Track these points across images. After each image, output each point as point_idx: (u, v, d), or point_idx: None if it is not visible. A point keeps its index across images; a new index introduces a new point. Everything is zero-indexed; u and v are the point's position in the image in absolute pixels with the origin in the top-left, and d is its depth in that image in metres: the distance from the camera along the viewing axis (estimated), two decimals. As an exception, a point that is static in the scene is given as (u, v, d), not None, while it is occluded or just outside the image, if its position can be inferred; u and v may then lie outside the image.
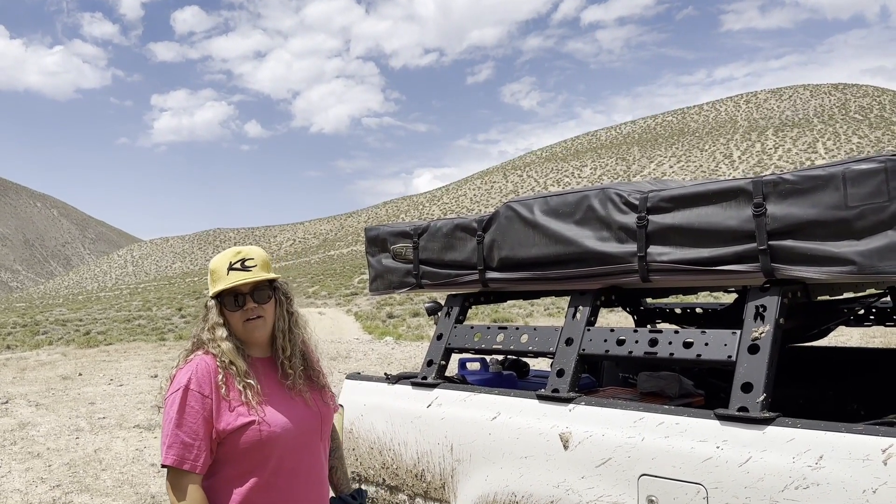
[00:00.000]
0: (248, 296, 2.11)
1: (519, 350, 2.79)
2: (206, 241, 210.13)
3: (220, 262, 2.14)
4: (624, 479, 2.17)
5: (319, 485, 2.18)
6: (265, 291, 2.14)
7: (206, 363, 2.07)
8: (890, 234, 1.96)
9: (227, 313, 2.12)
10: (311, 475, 2.13)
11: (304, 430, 2.12)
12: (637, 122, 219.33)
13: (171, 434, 2.00)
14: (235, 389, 2.04)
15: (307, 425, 2.13)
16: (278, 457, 2.04)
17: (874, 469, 1.78)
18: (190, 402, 2.01)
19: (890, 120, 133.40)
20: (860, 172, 2.00)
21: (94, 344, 20.87)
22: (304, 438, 2.11)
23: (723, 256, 2.24)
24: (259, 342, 2.17)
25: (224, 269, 2.12)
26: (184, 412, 2.01)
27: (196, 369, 2.06)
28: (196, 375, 2.04)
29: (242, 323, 2.11)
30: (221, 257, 2.16)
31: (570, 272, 2.65)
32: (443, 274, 3.12)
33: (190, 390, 2.02)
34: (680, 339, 2.30)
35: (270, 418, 2.04)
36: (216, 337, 2.09)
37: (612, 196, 2.53)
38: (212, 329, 2.11)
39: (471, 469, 2.60)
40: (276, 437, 2.03)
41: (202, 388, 2.02)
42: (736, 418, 2.04)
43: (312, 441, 2.15)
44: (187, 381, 2.04)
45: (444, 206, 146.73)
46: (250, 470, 2.03)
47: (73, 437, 8.43)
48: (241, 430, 2.01)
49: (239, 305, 2.10)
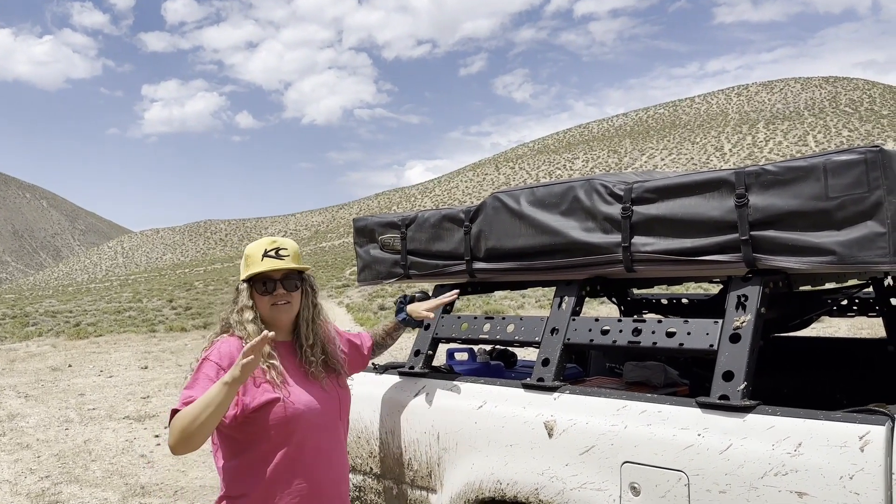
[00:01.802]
0: (278, 282, 2.28)
1: (505, 340, 2.81)
2: (196, 232, 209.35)
3: (256, 249, 2.32)
4: (607, 466, 2.20)
5: (340, 465, 2.35)
6: (294, 280, 2.32)
7: (229, 343, 2.22)
8: (870, 225, 1.98)
9: (257, 297, 2.28)
10: (332, 454, 2.30)
11: (324, 411, 2.27)
12: (629, 114, 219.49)
13: (182, 395, 2.09)
14: (259, 369, 2.18)
15: (326, 407, 2.28)
16: (302, 434, 2.19)
17: (851, 456, 1.81)
18: (204, 370, 2.14)
19: (880, 113, 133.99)
20: (841, 164, 2.02)
21: (83, 335, 20.80)
22: (324, 419, 2.27)
23: (706, 247, 2.26)
24: (282, 326, 2.32)
25: (259, 256, 2.29)
26: (198, 378, 2.13)
27: (220, 346, 2.21)
28: (219, 351, 2.19)
29: (270, 307, 2.27)
30: (258, 244, 2.33)
31: (556, 262, 2.67)
32: (430, 264, 3.13)
33: (208, 360, 2.17)
34: (663, 329, 2.33)
35: (295, 396, 2.19)
36: (243, 319, 2.25)
37: (598, 187, 2.55)
38: (241, 311, 2.27)
39: (457, 457, 2.62)
40: (301, 415, 2.18)
41: (221, 360, 2.16)
42: (717, 406, 2.07)
43: (332, 422, 2.30)
44: (207, 354, 2.20)
45: (436, 198, 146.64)
46: (277, 447, 2.17)
47: (62, 429, 8.43)
48: (268, 406, 2.14)
49: (269, 290, 2.27)
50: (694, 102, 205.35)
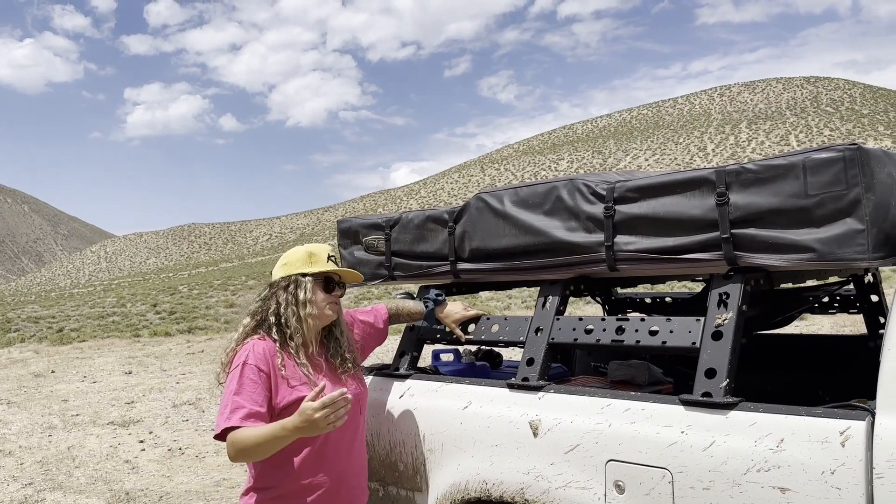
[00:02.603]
0: (337, 285, 2.49)
1: (490, 340, 2.82)
2: (180, 236, 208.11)
3: (322, 249, 2.50)
4: (592, 464, 2.21)
5: (361, 457, 2.54)
6: (344, 286, 2.53)
7: (260, 346, 2.34)
8: (848, 222, 2.00)
9: (317, 293, 2.42)
10: (353, 446, 2.47)
11: (354, 407, 2.37)
12: (613, 115, 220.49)
13: (232, 402, 2.21)
14: (292, 367, 2.33)
15: (357, 403, 2.43)
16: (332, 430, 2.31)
17: (833, 451, 1.83)
18: (247, 374, 2.26)
19: (860, 112, 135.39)
20: (819, 162, 2.04)
21: (67, 341, 20.61)
22: (352, 413, 2.35)
23: (687, 245, 2.28)
24: (325, 324, 2.49)
25: (325, 257, 2.48)
26: (243, 384, 2.24)
27: (253, 349, 2.32)
28: (254, 353, 2.30)
29: (328, 304, 2.44)
30: (322, 246, 2.52)
31: (540, 262, 2.68)
32: (414, 265, 3.13)
33: (248, 364, 2.27)
34: (646, 327, 2.34)
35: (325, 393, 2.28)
36: (306, 313, 2.37)
37: (580, 186, 2.56)
38: (301, 305, 2.38)
39: (442, 458, 2.62)
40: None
41: (259, 363, 2.28)
42: (700, 403, 2.08)
43: (354, 417, 2.42)
44: (245, 358, 2.29)
45: (421, 199, 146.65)
46: (305, 443, 2.29)
47: (45, 435, 8.34)
48: (297, 404, 2.19)
49: (331, 290, 2.46)
50: (677, 103, 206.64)
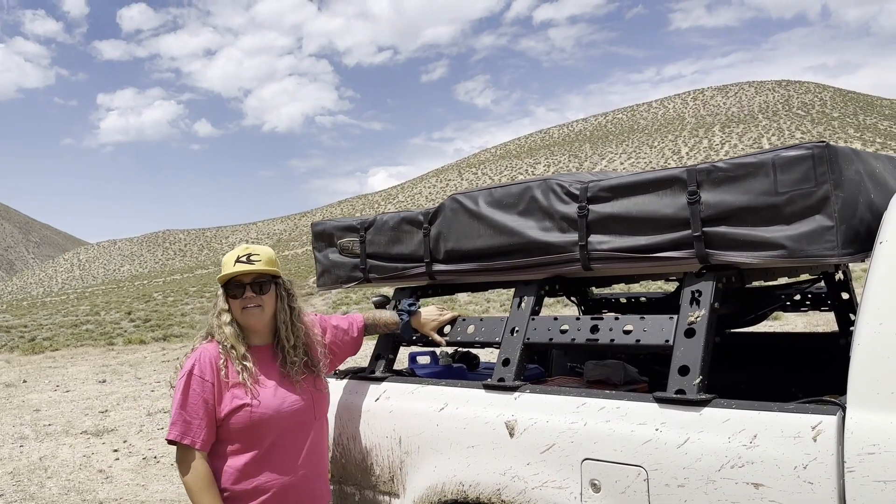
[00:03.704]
0: (248, 286, 2.39)
1: (466, 341, 2.81)
2: (155, 242, 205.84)
3: (230, 256, 2.44)
4: (567, 464, 2.21)
5: (316, 462, 2.48)
6: (265, 284, 2.41)
7: (208, 351, 2.36)
8: (818, 219, 2.02)
9: (230, 300, 2.40)
10: (310, 451, 2.43)
11: (296, 413, 2.38)
12: (589, 119, 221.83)
13: (176, 413, 2.28)
14: (234, 373, 2.32)
15: (299, 408, 2.40)
16: (273, 436, 2.32)
17: (805, 446, 1.85)
18: (192, 386, 2.30)
19: (831, 115, 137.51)
20: (789, 159, 2.06)
21: (39, 350, 20.28)
22: (296, 419, 2.38)
23: (660, 244, 2.29)
24: (255, 329, 2.43)
25: (232, 262, 2.41)
26: (187, 394, 2.29)
27: (199, 357, 2.34)
28: (199, 362, 2.33)
29: (241, 310, 2.39)
30: (232, 252, 2.46)
31: (515, 262, 2.67)
32: (390, 267, 3.12)
33: (193, 375, 2.31)
34: (620, 326, 2.35)
35: (263, 401, 2.31)
36: (221, 322, 2.38)
37: (554, 186, 2.56)
38: (218, 315, 2.41)
39: (419, 461, 2.61)
40: (267, 419, 2.31)
41: (204, 373, 2.31)
42: (674, 401, 2.09)
43: (304, 423, 2.42)
44: (191, 367, 2.32)
45: (399, 204, 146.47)
46: (246, 447, 2.30)
47: (16, 446, 8.20)
48: (234, 412, 2.27)
49: (238, 294, 2.38)
50: (651, 107, 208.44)
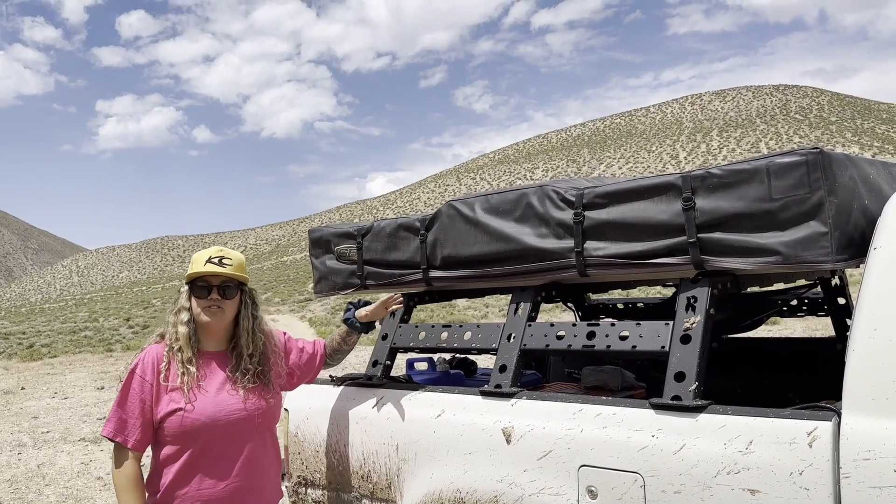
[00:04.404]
0: (215, 288, 2.35)
1: (463, 347, 2.81)
2: (153, 249, 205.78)
3: (202, 255, 2.39)
4: (564, 470, 2.21)
5: (260, 474, 2.39)
6: (232, 289, 2.38)
7: (155, 351, 2.34)
8: (812, 225, 2.03)
9: (194, 299, 2.35)
10: (245, 464, 2.34)
11: (232, 423, 2.31)
12: (587, 124, 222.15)
13: (113, 410, 2.28)
14: (175, 375, 2.29)
15: (238, 419, 2.32)
16: (203, 443, 2.27)
17: (800, 451, 1.85)
18: (133, 385, 2.28)
19: (828, 120, 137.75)
20: (783, 166, 2.07)
21: (37, 357, 20.25)
22: (231, 429, 2.31)
23: (656, 250, 2.29)
24: (213, 332, 2.39)
25: (202, 261, 2.36)
26: (127, 393, 2.28)
27: (145, 356, 2.33)
28: (143, 362, 2.31)
29: (203, 309, 2.33)
30: (204, 251, 2.40)
31: (511, 269, 2.68)
32: (387, 274, 3.12)
33: (135, 374, 2.29)
34: (616, 332, 2.35)
35: (198, 408, 2.26)
36: (178, 320, 2.34)
37: (550, 193, 2.57)
38: (178, 312, 2.36)
39: (416, 467, 2.61)
40: (199, 426, 2.25)
41: (145, 373, 2.29)
42: (670, 407, 2.09)
43: (242, 433, 2.34)
44: (134, 366, 2.31)
45: (398, 209, 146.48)
46: (179, 452, 2.27)
47: (14, 453, 8.17)
48: (167, 416, 2.25)
49: (204, 294, 2.34)
50: (649, 112, 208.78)
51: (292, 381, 2.66)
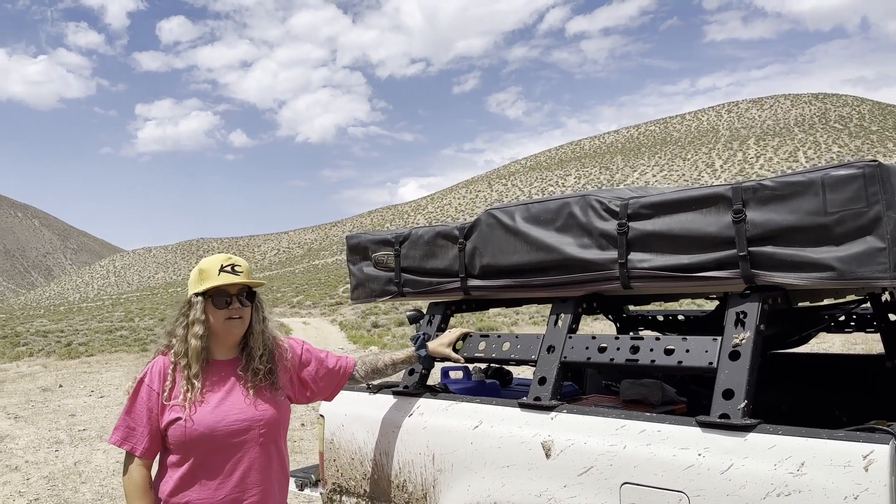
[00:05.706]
0: (235, 297, 2.33)
1: (501, 358, 2.77)
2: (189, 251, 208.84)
3: (212, 264, 2.35)
4: (606, 487, 2.16)
5: (261, 488, 2.31)
6: (249, 296, 2.37)
7: (162, 362, 2.33)
8: (869, 240, 1.96)
9: (211, 311, 2.31)
10: (245, 477, 2.29)
11: (233, 433, 2.27)
12: (620, 131, 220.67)
13: (121, 419, 2.30)
14: (179, 393, 2.27)
15: (238, 429, 2.28)
16: (204, 454, 2.25)
17: (856, 475, 1.78)
18: (141, 394, 2.30)
19: (869, 129, 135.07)
20: (839, 178, 2.00)
21: (75, 355, 20.63)
22: (232, 440, 2.27)
23: (703, 263, 2.23)
24: (234, 341, 2.37)
25: (215, 271, 2.32)
26: (134, 401, 2.30)
27: (153, 367, 2.34)
28: (151, 372, 2.32)
29: (224, 320, 2.31)
30: (213, 259, 2.37)
31: (552, 279, 2.63)
32: (424, 282, 3.10)
33: (143, 383, 2.31)
34: (661, 346, 2.29)
35: (198, 418, 2.24)
36: (192, 333, 2.30)
37: (593, 203, 2.52)
38: (191, 325, 2.30)
39: (452, 479, 2.57)
40: (198, 436, 2.23)
41: (153, 383, 2.30)
42: (717, 425, 2.03)
43: (245, 444, 2.29)
44: (143, 376, 2.32)
45: (428, 214, 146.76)
46: (182, 461, 2.26)
47: (52, 450, 8.31)
48: (170, 426, 2.25)
49: (225, 304, 2.31)
50: (685, 119, 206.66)
51: (305, 394, 2.57)
